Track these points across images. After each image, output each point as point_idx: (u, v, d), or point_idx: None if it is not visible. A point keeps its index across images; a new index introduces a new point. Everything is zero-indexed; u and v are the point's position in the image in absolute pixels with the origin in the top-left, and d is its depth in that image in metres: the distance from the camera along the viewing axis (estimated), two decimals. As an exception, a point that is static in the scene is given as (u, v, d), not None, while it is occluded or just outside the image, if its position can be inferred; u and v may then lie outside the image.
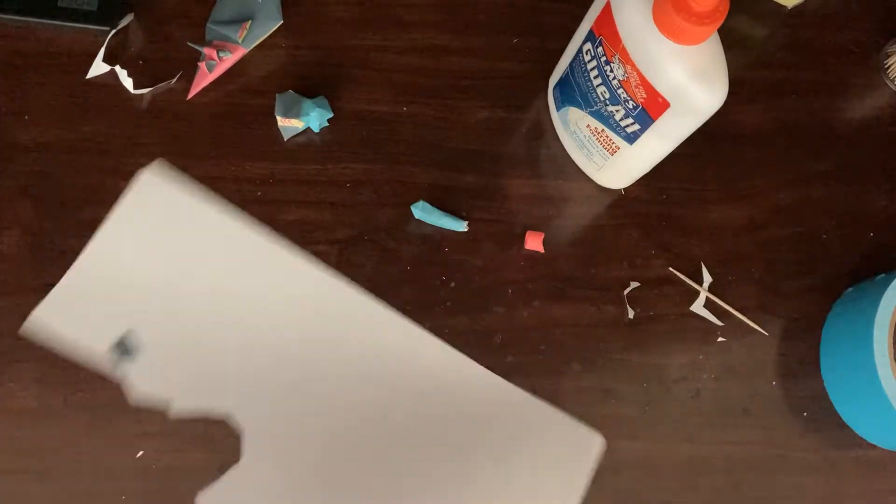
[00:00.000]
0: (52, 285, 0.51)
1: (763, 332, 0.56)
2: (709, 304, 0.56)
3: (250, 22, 0.56)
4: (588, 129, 0.53)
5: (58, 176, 0.53)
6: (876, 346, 0.51)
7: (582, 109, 0.53)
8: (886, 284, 0.52)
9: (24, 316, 0.51)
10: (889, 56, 0.62)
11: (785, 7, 0.63)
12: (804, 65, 0.62)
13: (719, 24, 0.41)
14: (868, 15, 0.64)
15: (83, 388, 0.50)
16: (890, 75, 0.62)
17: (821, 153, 0.61)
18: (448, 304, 0.54)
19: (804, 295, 0.58)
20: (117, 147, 0.54)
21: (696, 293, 0.56)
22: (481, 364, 0.50)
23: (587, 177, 0.58)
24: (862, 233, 0.59)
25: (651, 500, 0.53)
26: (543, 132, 0.58)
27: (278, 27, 0.57)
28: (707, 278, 0.57)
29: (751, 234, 0.58)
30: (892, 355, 0.51)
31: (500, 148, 0.58)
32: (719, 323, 0.56)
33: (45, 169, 0.53)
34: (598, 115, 0.51)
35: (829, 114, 0.62)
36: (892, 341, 0.51)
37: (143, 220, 0.51)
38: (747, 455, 0.54)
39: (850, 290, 0.57)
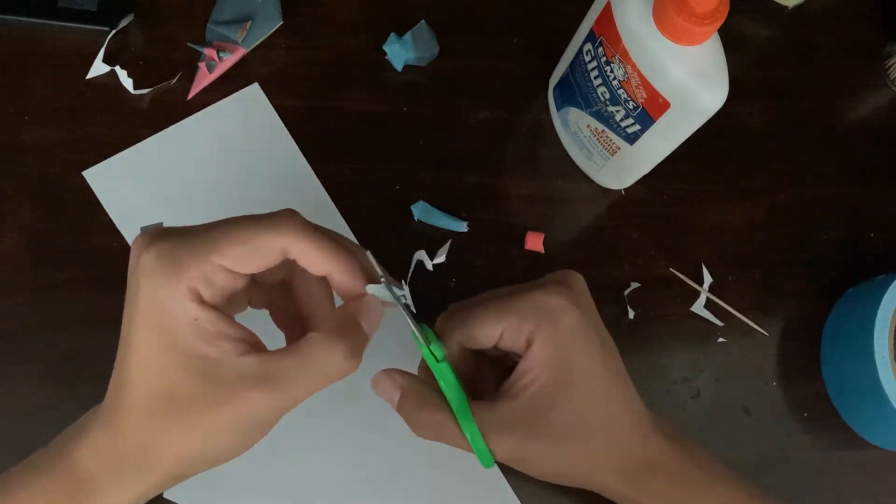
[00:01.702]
0: (52, 286, 0.51)
1: (763, 332, 0.56)
2: (709, 305, 0.56)
3: (250, 22, 0.56)
4: (588, 129, 0.53)
5: (58, 176, 0.53)
6: (876, 347, 0.51)
7: (582, 110, 0.52)
8: (887, 285, 0.52)
9: (24, 316, 0.51)
10: (889, 56, 0.62)
11: (785, 7, 0.63)
12: (804, 65, 0.62)
13: (719, 24, 0.41)
14: (868, 15, 0.64)
15: (83, 389, 0.50)
16: (890, 75, 0.62)
17: (821, 153, 0.61)
18: (448, 303, 0.54)
19: (804, 295, 0.58)
20: (117, 147, 0.54)
21: (697, 293, 0.56)
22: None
23: (587, 177, 0.58)
24: (862, 233, 0.59)
25: None
26: (543, 132, 0.58)
27: (278, 27, 0.57)
28: (707, 279, 0.56)
29: (751, 235, 0.58)
30: (893, 356, 0.51)
31: (500, 148, 0.58)
32: (720, 323, 0.56)
33: (45, 169, 0.53)
34: (599, 116, 0.51)
35: (829, 114, 0.62)
36: (892, 342, 0.51)
37: (230, 121, 0.55)
38: (747, 455, 0.54)
39: (850, 290, 0.57)
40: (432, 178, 0.56)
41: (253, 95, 0.56)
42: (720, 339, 0.56)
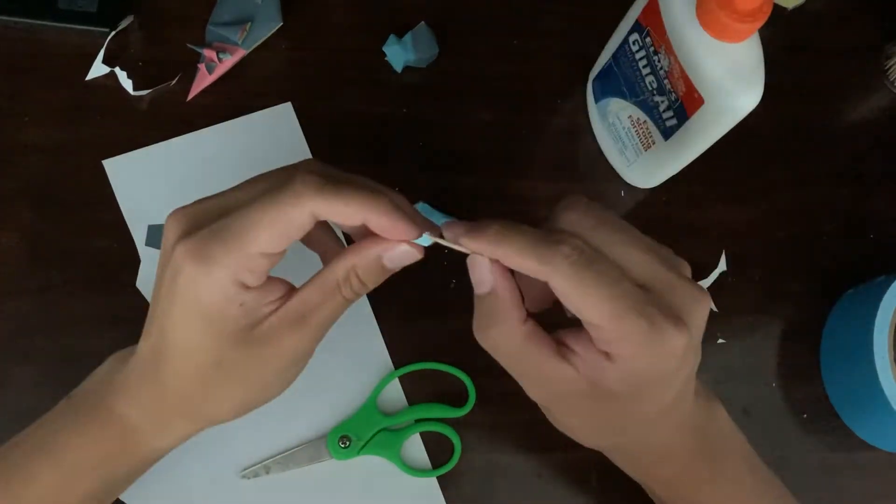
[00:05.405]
0: (52, 286, 0.52)
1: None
2: (709, 306, 0.56)
3: (250, 24, 0.56)
4: (630, 119, 0.53)
5: (57, 177, 0.53)
6: (876, 348, 0.50)
7: (626, 100, 0.52)
8: (886, 286, 0.51)
9: (23, 317, 0.51)
10: (889, 57, 0.62)
11: (785, 8, 0.63)
12: (804, 66, 0.62)
13: (761, 22, 0.41)
14: (868, 16, 0.64)
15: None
16: (890, 76, 0.62)
17: (821, 154, 0.61)
18: (448, 303, 0.54)
19: (804, 296, 0.57)
20: (117, 149, 0.54)
21: (696, 294, 0.56)
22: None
23: (590, 178, 0.58)
24: (862, 234, 0.59)
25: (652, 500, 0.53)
26: (544, 133, 0.58)
27: (278, 29, 0.57)
28: (712, 277, 0.56)
29: (751, 235, 0.58)
30: (893, 357, 0.51)
31: (500, 149, 0.58)
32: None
33: (45, 170, 0.53)
34: (644, 106, 0.51)
35: (829, 115, 0.62)
36: (892, 343, 0.51)
37: (256, 134, 0.56)
38: (747, 456, 0.54)
39: (850, 291, 0.57)
40: (433, 180, 0.56)
41: (283, 113, 0.56)
42: (720, 340, 0.56)
